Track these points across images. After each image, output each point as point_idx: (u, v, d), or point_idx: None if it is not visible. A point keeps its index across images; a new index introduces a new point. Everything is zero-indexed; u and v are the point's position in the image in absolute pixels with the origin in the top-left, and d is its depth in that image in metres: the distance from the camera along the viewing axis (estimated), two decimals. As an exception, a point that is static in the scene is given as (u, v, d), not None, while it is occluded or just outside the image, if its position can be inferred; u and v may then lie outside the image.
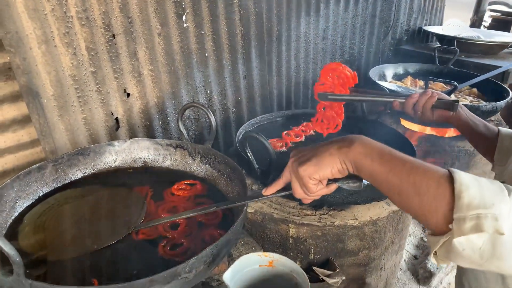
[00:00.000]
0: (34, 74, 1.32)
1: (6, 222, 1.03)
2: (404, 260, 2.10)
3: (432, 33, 3.07)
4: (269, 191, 0.90)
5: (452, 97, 2.09)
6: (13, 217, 1.07)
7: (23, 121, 1.39)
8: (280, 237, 1.39)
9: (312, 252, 1.39)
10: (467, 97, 2.25)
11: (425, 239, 2.21)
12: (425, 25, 3.19)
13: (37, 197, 1.15)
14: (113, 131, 1.59)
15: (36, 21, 1.28)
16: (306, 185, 0.79)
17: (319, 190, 0.83)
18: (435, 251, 0.66)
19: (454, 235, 0.61)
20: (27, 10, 1.25)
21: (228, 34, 1.86)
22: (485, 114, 1.98)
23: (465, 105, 1.53)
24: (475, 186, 0.62)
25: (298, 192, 0.84)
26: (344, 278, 1.34)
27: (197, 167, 1.31)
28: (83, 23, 1.39)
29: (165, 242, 1.00)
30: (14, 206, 1.09)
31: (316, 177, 0.77)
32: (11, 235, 1.00)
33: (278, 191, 0.90)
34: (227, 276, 0.81)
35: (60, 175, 1.22)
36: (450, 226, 0.62)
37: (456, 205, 0.61)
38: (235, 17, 1.85)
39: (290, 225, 1.35)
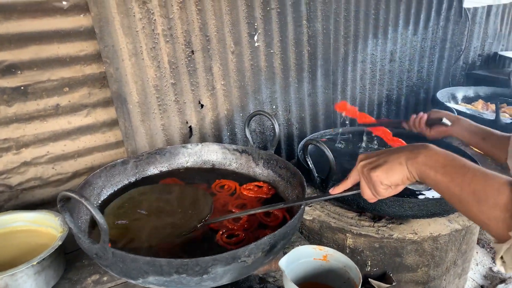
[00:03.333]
0: (124, 82, 1.51)
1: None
2: (470, 289, 1.98)
3: (509, 58, 2.94)
4: (336, 190, 0.95)
5: None
6: (99, 202, 1.22)
7: (111, 124, 1.59)
8: (337, 246, 1.42)
9: (369, 264, 1.39)
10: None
11: (494, 269, 2.07)
12: (502, 50, 3.07)
13: (119, 187, 1.31)
14: (187, 138, 1.74)
15: (129, 37, 1.48)
16: (376, 189, 0.84)
17: (387, 193, 0.87)
18: (502, 258, 0.67)
19: None
20: (122, 27, 1.46)
21: (296, 54, 1.96)
22: None
23: None
24: None
25: (367, 193, 0.88)
26: (400, 292, 1.33)
27: (260, 171, 1.40)
28: (167, 39, 1.57)
29: (223, 230, 1.09)
30: (100, 193, 1.25)
31: (387, 183, 0.82)
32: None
33: (345, 191, 0.95)
34: (283, 262, 0.86)
35: (140, 170, 1.37)
36: (510, 233, 0.63)
37: None
38: (303, 38, 1.95)
39: (347, 234, 1.37)
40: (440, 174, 0.74)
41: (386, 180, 0.82)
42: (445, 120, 1.52)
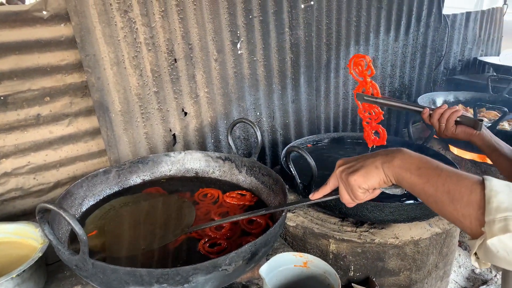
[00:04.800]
0: (106, 91, 1.51)
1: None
2: (453, 292, 2.01)
3: (488, 63, 3.01)
4: (316, 195, 0.96)
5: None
6: (80, 213, 1.22)
7: (94, 133, 1.58)
8: (321, 252, 1.43)
9: (352, 269, 1.41)
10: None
11: (476, 271, 2.11)
12: (481, 55, 3.14)
13: (101, 198, 1.30)
14: (170, 146, 1.74)
15: (111, 46, 1.48)
16: (354, 193, 0.87)
17: (365, 197, 0.90)
18: (476, 254, 0.70)
19: (487, 237, 0.65)
20: (104, 36, 1.46)
21: (279, 61, 1.98)
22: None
23: None
24: (505, 191, 0.66)
25: (346, 198, 0.90)
26: (383, 297, 1.34)
27: (243, 178, 1.40)
28: (149, 48, 1.57)
29: (205, 239, 1.09)
30: (81, 203, 1.24)
31: (365, 187, 0.84)
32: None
33: (324, 196, 0.96)
34: (263, 269, 0.87)
35: (122, 180, 1.37)
36: (482, 229, 0.66)
37: (486, 209, 0.66)
38: (285, 45, 1.97)
39: (330, 240, 1.39)
40: (415, 176, 0.77)
41: (363, 184, 0.84)
42: (484, 124, 1.35)
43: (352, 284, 1.39)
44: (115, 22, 1.47)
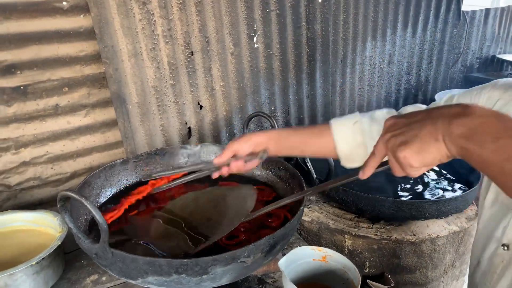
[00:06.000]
0: (123, 83, 1.51)
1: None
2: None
3: (507, 61, 2.96)
4: (367, 172, 0.74)
5: None
6: (98, 203, 1.22)
7: (110, 124, 1.59)
8: (336, 247, 1.42)
9: (367, 265, 1.40)
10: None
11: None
12: (499, 53, 3.08)
13: (118, 189, 1.30)
14: (186, 139, 1.75)
15: (129, 38, 1.48)
16: (406, 171, 0.66)
17: (419, 173, 0.68)
18: None
19: None
20: (122, 28, 1.46)
21: (295, 55, 1.97)
22: None
23: None
24: None
25: (399, 172, 0.68)
26: (399, 294, 1.33)
27: (259, 172, 1.40)
28: (167, 40, 1.57)
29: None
30: (99, 193, 1.25)
31: (418, 165, 0.63)
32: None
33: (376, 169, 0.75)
34: (282, 262, 0.87)
35: (139, 171, 1.37)
36: None
37: None
38: (302, 39, 1.96)
39: (346, 236, 1.38)
40: (491, 151, 0.55)
41: (417, 163, 0.62)
42: None
43: (367, 280, 1.38)
44: (133, 14, 1.47)
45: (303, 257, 0.93)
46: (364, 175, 0.74)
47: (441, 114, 0.60)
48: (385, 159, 0.70)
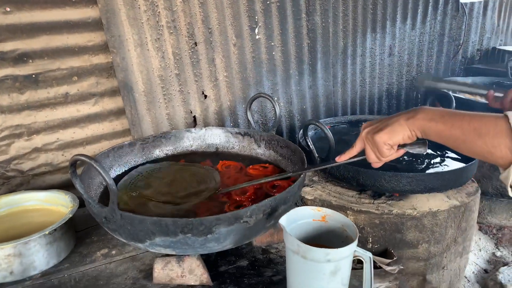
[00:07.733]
0: (130, 72, 1.57)
1: (101, 185, 1.23)
2: (473, 273, 1.99)
3: (508, 51, 2.99)
4: (343, 157, 1.04)
5: None
6: (107, 181, 1.27)
7: (118, 113, 1.65)
8: (339, 225, 1.45)
9: (370, 241, 1.42)
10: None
11: (497, 254, 2.09)
12: (500, 44, 3.11)
13: (126, 169, 1.36)
14: (191, 127, 1.79)
15: (135, 28, 1.54)
16: (380, 150, 0.93)
17: (390, 155, 0.95)
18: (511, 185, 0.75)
19: None
20: (128, 19, 1.52)
21: (296, 46, 2.02)
22: None
23: None
24: None
25: (372, 157, 0.97)
26: (402, 267, 1.35)
27: (262, 152, 1.44)
28: (171, 31, 1.63)
29: (231, 202, 1.13)
30: (108, 172, 1.29)
31: (390, 142, 0.91)
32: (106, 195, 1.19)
33: (350, 158, 1.03)
34: (283, 220, 0.90)
35: (146, 153, 1.42)
36: None
37: None
38: (302, 31, 2.01)
39: (348, 212, 1.41)
40: (440, 123, 0.83)
41: (389, 140, 0.90)
42: None
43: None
44: (138, 5, 1.53)
45: (304, 217, 0.96)
46: (340, 159, 1.04)
47: (402, 112, 0.91)
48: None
